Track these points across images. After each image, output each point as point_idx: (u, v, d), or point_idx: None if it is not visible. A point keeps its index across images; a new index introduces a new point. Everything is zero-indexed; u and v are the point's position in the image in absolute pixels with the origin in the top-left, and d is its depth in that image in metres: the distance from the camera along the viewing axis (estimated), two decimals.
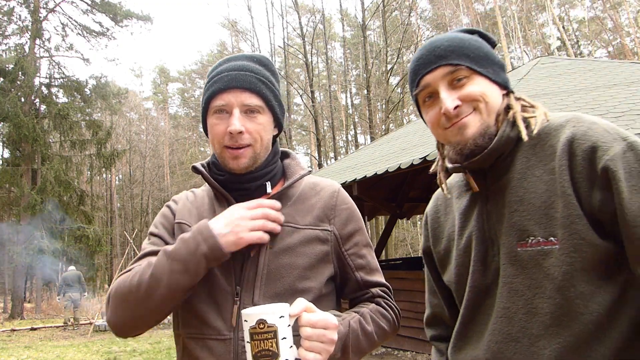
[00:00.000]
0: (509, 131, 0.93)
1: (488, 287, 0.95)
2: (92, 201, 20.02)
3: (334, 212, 1.12)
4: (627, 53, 25.44)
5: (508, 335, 0.88)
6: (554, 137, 0.88)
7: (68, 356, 8.16)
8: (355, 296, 1.16)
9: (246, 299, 1.01)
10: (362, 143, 29.84)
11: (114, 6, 19.46)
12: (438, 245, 1.14)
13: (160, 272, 0.95)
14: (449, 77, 0.94)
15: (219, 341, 0.99)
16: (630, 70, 6.82)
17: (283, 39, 25.07)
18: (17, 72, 16.84)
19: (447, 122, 0.95)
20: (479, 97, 0.93)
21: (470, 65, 0.94)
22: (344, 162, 9.68)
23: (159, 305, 0.97)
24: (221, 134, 1.05)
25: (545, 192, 0.85)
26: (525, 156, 0.92)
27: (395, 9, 23.73)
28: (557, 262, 0.82)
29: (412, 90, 1.02)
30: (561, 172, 0.83)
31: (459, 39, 0.97)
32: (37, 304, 17.46)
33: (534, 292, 0.85)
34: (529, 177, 0.89)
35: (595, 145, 0.81)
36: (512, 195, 0.91)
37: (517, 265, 0.88)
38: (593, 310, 0.79)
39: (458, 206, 1.07)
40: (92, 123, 18.63)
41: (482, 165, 0.96)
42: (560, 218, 0.82)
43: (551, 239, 0.83)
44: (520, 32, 26.96)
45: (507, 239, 0.90)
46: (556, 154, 0.85)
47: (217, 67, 1.12)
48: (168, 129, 39.44)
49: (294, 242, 1.06)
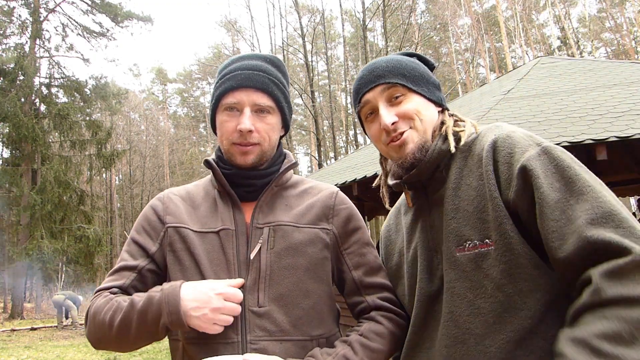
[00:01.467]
0: (441, 144, 1.01)
1: (435, 294, 0.99)
2: (92, 201, 20.00)
3: (333, 211, 1.13)
4: (629, 52, 25.44)
5: (455, 338, 0.91)
6: (479, 146, 0.95)
7: (68, 356, 8.16)
8: (353, 302, 1.13)
9: (251, 301, 1.01)
10: (362, 143, 29.86)
11: (114, 7, 19.47)
12: (390, 261, 1.19)
13: (128, 323, 0.97)
14: (386, 94, 1.02)
15: (226, 345, 0.98)
16: (630, 70, 6.82)
17: (283, 39, 25.09)
18: (17, 72, 16.86)
19: (387, 138, 1.02)
20: (414, 115, 1.01)
21: (406, 84, 1.02)
22: (344, 162, 9.68)
23: (132, 344, 1.01)
24: (231, 131, 1.06)
25: (476, 198, 0.92)
26: (459, 167, 0.98)
27: (395, 8, 23.74)
28: (495, 262, 0.87)
29: (356, 107, 1.10)
30: (488, 177, 0.89)
31: (396, 60, 1.06)
32: (37, 304, 17.48)
33: (475, 293, 0.89)
34: (462, 185, 0.96)
35: (513, 150, 0.88)
36: (448, 204, 0.97)
37: (457, 270, 0.93)
38: (531, 306, 0.84)
39: (405, 222, 1.13)
40: (92, 123, 18.63)
41: (420, 179, 1.03)
42: (492, 220, 0.88)
43: (486, 241, 0.89)
44: (522, 32, 26.96)
45: (447, 245, 0.95)
46: (482, 161, 0.92)
47: (229, 64, 1.12)
48: (168, 129, 39.44)
49: (295, 241, 1.05)
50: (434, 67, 1.14)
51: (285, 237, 1.05)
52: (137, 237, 1.10)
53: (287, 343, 1.00)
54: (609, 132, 4.45)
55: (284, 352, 0.99)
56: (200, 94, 42.16)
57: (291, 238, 1.06)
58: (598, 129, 4.59)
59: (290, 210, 1.11)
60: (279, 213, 1.09)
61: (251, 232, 1.06)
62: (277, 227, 1.06)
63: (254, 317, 1.00)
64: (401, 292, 1.12)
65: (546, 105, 5.81)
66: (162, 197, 1.17)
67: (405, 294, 1.10)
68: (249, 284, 1.02)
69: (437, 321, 0.98)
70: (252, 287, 1.02)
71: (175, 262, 1.06)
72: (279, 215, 1.09)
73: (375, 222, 23.76)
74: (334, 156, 29.04)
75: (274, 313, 1.00)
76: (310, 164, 34.43)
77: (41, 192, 16.14)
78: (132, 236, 1.11)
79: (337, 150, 29.98)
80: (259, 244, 1.04)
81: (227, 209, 1.09)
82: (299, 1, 23.97)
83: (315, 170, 27.17)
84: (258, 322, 0.99)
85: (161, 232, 1.09)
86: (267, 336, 0.99)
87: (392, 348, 1.08)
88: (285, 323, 1.00)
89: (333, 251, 1.11)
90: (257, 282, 1.02)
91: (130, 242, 1.11)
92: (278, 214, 1.09)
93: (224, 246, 1.05)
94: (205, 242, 1.06)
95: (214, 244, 1.06)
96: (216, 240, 1.06)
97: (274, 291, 1.02)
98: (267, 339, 0.99)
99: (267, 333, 0.99)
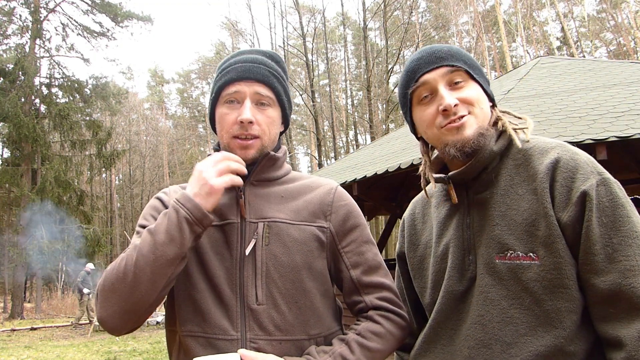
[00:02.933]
0: (493, 145, 0.98)
1: (462, 294, 0.98)
2: (92, 201, 20.02)
3: (331, 208, 1.10)
4: (629, 52, 25.44)
5: (480, 341, 0.91)
6: (537, 160, 0.93)
7: (68, 356, 8.16)
8: (352, 301, 1.12)
9: (249, 298, 1.00)
10: (362, 143, 29.83)
11: (114, 7, 19.46)
12: (413, 252, 1.16)
13: (147, 249, 0.92)
14: (448, 77, 0.99)
15: (225, 341, 0.98)
16: (630, 70, 6.81)
17: (283, 38, 25.09)
18: (17, 72, 16.85)
19: (444, 121, 0.98)
20: (475, 102, 0.98)
21: (468, 70, 1.00)
22: (344, 162, 9.67)
23: (149, 287, 0.92)
24: (231, 123, 1.06)
25: (527, 210, 0.90)
26: (509, 174, 0.96)
27: (396, 8, 23.74)
28: (537, 277, 0.87)
29: (410, 86, 1.04)
30: (543, 194, 0.88)
31: (457, 48, 1.04)
32: (37, 304, 17.46)
33: (509, 302, 0.89)
34: (512, 194, 0.94)
35: (575, 175, 0.87)
36: (494, 210, 0.95)
37: (494, 276, 0.92)
38: (566, 326, 0.84)
39: (436, 215, 1.10)
40: (92, 123, 18.63)
41: (466, 177, 1.00)
42: (542, 237, 0.87)
43: (530, 255, 0.88)
44: (524, 31, 26.95)
45: (486, 250, 0.94)
46: (538, 176, 0.91)
47: (229, 59, 1.12)
48: (167, 129, 39.44)
49: (290, 239, 1.04)
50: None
51: (280, 234, 1.04)
52: (145, 222, 1.09)
53: (286, 344, 0.99)
54: (609, 132, 4.45)
55: (283, 352, 0.99)
56: (200, 94, 42.19)
57: (286, 236, 1.04)
58: (598, 129, 4.59)
59: (285, 204, 1.09)
60: (274, 208, 1.08)
61: (245, 227, 1.05)
62: (271, 223, 1.05)
63: (252, 314, 0.99)
64: (422, 285, 1.11)
65: (546, 105, 5.81)
66: (168, 190, 1.18)
67: (427, 287, 1.08)
68: (245, 280, 1.01)
69: (460, 321, 0.98)
70: (249, 283, 1.01)
71: None
72: (274, 211, 1.07)
73: (375, 222, 23.72)
74: (334, 156, 29.02)
75: (272, 311, 1.00)
76: (310, 164, 34.41)
77: (41, 192, 16.14)
78: (140, 223, 1.11)
79: (337, 150, 29.96)
80: (253, 239, 1.03)
81: (229, 202, 1.09)
82: (299, 1, 23.97)
83: (315, 170, 27.14)
84: (256, 320, 0.99)
85: None
86: (266, 335, 0.98)
87: (390, 348, 1.06)
88: (283, 321, 1.00)
89: (330, 250, 1.10)
90: (254, 278, 1.01)
91: (138, 228, 1.10)
92: (273, 208, 1.08)
93: (227, 240, 1.05)
94: (209, 235, 1.05)
95: (217, 238, 1.05)
96: (219, 234, 1.05)
97: (272, 289, 1.01)
98: (266, 339, 0.98)
99: (265, 332, 0.99)
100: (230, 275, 1.02)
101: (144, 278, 0.91)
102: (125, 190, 34.56)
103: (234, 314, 0.99)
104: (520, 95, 6.58)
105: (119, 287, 0.93)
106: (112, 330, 0.98)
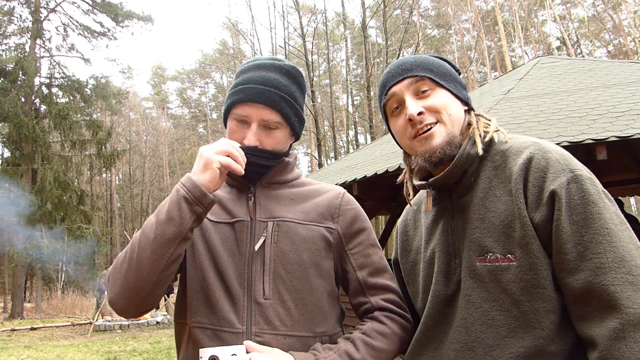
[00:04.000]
0: (469, 149, 0.99)
1: (449, 298, 0.99)
2: (92, 201, 20.02)
3: (339, 211, 1.14)
4: (628, 52, 25.44)
5: (465, 344, 0.92)
6: (513, 161, 0.94)
7: (68, 356, 8.16)
8: (357, 302, 1.14)
9: (257, 292, 1.03)
10: (362, 143, 29.83)
11: (114, 6, 19.45)
12: (405, 257, 1.19)
13: (148, 229, 0.96)
14: (413, 87, 1.02)
15: (231, 334, 1.00)
16: (630, 70, 6.82)
17: (284, 39, 25.08)
18: (17, 72, 16.84)
19: (412, 131, 1.01)
20: (441, 109, 1.00)
21: (433, 78, 1.02)
22: (344, 162, 9.67)
23: (151, 266, 0.94)
24: (238, 142, 1.08)
25: (504, 212, 0.91)
26: (488, 177, 0.97)
27: (396, 8, 23.74)
28: (515, 278, 0.88)
29: (381, 100, 1.09)
30: (517, 195, 0.90)
31: (424, 57, 1.07)
32: (37, 303, 17.46)
33: (490, 304, 0.90)
34: (491, 197, 0.95)
35: (546, 174, 0.88)
36: (474, 213, 0.96)
37: (475, 279, 0.93)
38: (545, 326, 0.85)
39: (425, 220, 1.13)
40: (92, 123, 18.63)
41: (446, 182, 1.02)
42: (518, 238, 0.88)
43: (508, 256, 0.89)
44: (522, 32, 26.95)
45: (468, 253, 0.95)
46: (513, 177, 0.92)
47: (246, 70, 1.12)
48: (168, 129, 39.43)
49: (298, 238, 1.07)
50: (459, 72, 1.15)
51: (289, 232, 1.08)
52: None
53: (291, 339, 1.01)
54: (609, 132, 4.45)
55: (288, 347, 1.00)
56: (201, 93, 42.18)
57: (295, 234, 1.08)
58: (598, 129, 4.59)
59: (295, 206, 1.12)
60: (283, 208, 1.11)
61: (255, 226, 1.08)
62: (281, 222, 1.08)
63: (259, 308, 1.02)
64: (414, 290, 1.14)
65: (546, 105, 5.81)
66: None
67: (418, 293, 1.10)
68: (254, 275, 1.04)
69: (448, 324, 0.99)
70: (257, 278, 1.04)
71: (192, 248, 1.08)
72: (283, 212, 1.10)
73: (376, 222, 23.72)
74: (334, 156, 29.02)
75: (278, 307, 1.02)
76: (310, 163, 34.42)
77: (41, 192, 16.14)
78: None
79: (337, 150, 29.96)
80: (262, 236, 1.06)
81: (241, 202, 1.12)
82: (300, 1, 23.96)
83: (315, 170, 27.16)
84: (263, 314, 1.02)
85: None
86: (271, 330, 1.01)
87: (395, 349, 1.08)
88: (289, 317, 1.02)
89: (337, 251, 1.12)
90: (262, 273, 1.04)
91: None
92: (282, 209, 1.11)
93: (237, 237, 1.07)
94: (220, 232, 1.09)
95: (228, 234, 1.08)
96: (230, 231, 1.09)
97: (279, 284, 1.04)
98: (271, 333, 1.01)
99: (271, 327, 1.01)
100: (239, 270, 1.05)
101: (144, 257, 0.94)
102: (125, 190, 34.56)
103: (240, 308, 1.02)
104: (520, 95, 6.58)
105: (124, 267, 0.97)
106: (120, 311, 1.01)
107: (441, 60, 1.11)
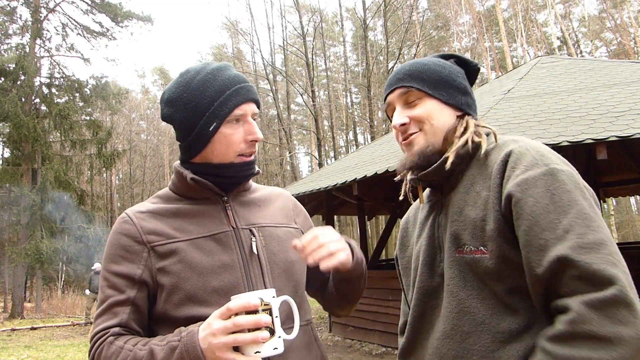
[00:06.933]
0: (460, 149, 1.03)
1: (434, 290, 1.04)
2: (92, 201, 20.01)
3: (295, 212, 1.27)
4: (628, 52, 25.44)
5: (444, 332, 0.97)
6: (494, 158, 0.98)
7: (68, 356, 8.17)
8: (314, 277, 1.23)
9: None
10: (362, 143, 29.84)
11: (114, 6, 19.45)
12: (403, 252, 1.25)
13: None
14: (403, 98, 1.08)
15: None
16: (630, 70, 6.82)
17: (283, 38, 25.06)
18: (17, 72, 16.85)
19: (400, 137, 1.09)
20: (424, 119, 1.05)
21: (422, 88, 1.06)
22: (344, 161, 9.67)
23: None
24: (238, 142, 1.08)
25: (479, 206, 0.95)
26: (473, 173, 1.02)
27: (397, 8, 23.74)
28: (488, 269, 0.91)
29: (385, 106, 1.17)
30: (494, 189, 0.93)
31: (420, 64, 1.10)
32: (37, 303, 17.47)
33: (467, 293, 0.94)
34: (471, 192, 0.99)
35: (518, 166, 0.90)
36: (455, 207, 1.01)
37: (454, 269, 0.97)
38: (519, 314, 0.88)
39: (420, 216, 1.19)
40: (92, 123, 18.63)
41: (433, 178, 1.07)
42: (490, 231, 0.91)
43: (481, 249, 0.92)
44: (524, 31, 26.95)
45: (449, 245, 1.00)
46: (492, 172, 0.95)
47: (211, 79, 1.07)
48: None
49: (280, 239, 1.14)
50: (475, 67, 1.16)
51: (272, 235, 1.13)
52: (115, 268, 1.03)
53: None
54: (609, 131, 4.45)
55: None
56: None
57: (276, 237, 1.14)
58: (598, 129, 4.60)
59: (263, 212, 1.18)
60: (256, 215, 1.16)
61: (239, 233, 1.10)
62: (260, 228, 1.13)
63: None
64: (407, 283, 1.19)
65: (546, 105, 5.81)
66: (130, 214, 1.09)
67: (410, 285, 1.15)
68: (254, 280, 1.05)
69: (434, 316, 1.03)
70: (258, 282, 1.05)
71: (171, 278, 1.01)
72: (257, 218, 1.15)
73: (375, 222, 23.72)
74: (334, 156, 29.03)
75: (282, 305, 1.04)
76: (310, 163, 34.41)
77: (41, 191, 16.14)
78: (109, 269, 1.03)
79: (337, 150, 29.97)
80: (253, 241, 1.09)
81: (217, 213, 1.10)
82: (299, 0, 23.96)
83: (316, 170, 27.15)
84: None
85: (143, 253, 1.03)
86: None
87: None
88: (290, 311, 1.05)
89: None
90: (262, 277, 1.06)
91: (109, 275, 1.03)
92: (255, 215, 1.15)
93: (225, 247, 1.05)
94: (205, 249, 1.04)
95: (212, 248, 1.04)
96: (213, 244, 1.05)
97: (279, 284, 1.07)
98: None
99: None
100: (235, 280, 1.02)
101: None
102: (125, 190, 34.58)
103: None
104: (521, 94, 6.59)
105: None
106: None
107: (443, 61, 1.12)
